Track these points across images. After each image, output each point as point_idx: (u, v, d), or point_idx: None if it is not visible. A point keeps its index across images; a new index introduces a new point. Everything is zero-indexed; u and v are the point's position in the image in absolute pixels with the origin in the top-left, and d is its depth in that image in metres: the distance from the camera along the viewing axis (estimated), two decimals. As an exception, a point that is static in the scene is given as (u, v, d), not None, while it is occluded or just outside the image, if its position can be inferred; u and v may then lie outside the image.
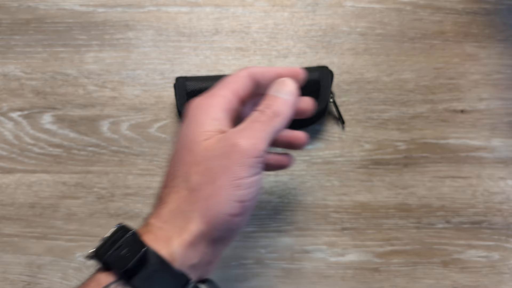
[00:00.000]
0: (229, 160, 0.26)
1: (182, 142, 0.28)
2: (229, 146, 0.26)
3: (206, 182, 0.26)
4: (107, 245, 0.25)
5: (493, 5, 0.47)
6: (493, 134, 0.44)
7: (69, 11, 0.47)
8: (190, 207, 0.26)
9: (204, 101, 0.29)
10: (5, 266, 0.42)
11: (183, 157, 0.27)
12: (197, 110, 0.28)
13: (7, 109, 0.45)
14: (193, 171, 0.26)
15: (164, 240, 0.25)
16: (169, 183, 0.27)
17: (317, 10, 0.47)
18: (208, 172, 0.26)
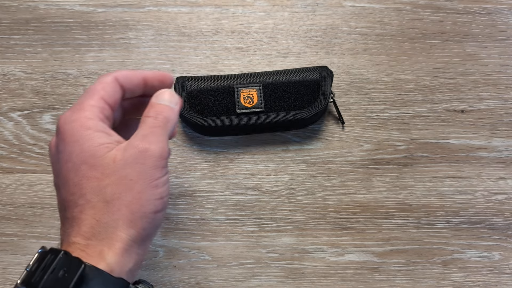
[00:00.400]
0: (143, 165, 0.28)
1: (78, 160, 0.28)
2: (140, 152, 0.28)
3: (124, 190, 0.27)
4: (39, 271, 0.25)
5: (493, 5, 0.47)
6: (493, 134, 0.44)
7: (69, 11, 0.47)
8: (112, 217, 0.27)
9: (78, 116, 0.29)
10: (5, 266, 0.42)
11: (87, 173, 0.27)
12: (74, 127, 0.28)
13: (7, 109, 0.45)
14: (105, 183, 0.27)
15: (96, 255, 0.26)
16: (77, 201, 0.27)
17: (317, 10, 0.47)
18: (123, 181, 0.27)
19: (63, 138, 0.28)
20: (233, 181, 0.44)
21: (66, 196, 0.28)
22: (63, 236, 0.28)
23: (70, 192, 0.28)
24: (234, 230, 0.43)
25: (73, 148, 0.28)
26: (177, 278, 0.42)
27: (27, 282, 0.25)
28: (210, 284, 0.42)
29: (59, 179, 0.29)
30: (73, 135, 0.28)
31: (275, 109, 0.42)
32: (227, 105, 0.42)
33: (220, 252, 0.42)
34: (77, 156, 0.28)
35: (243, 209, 0.43)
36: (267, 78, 0.42)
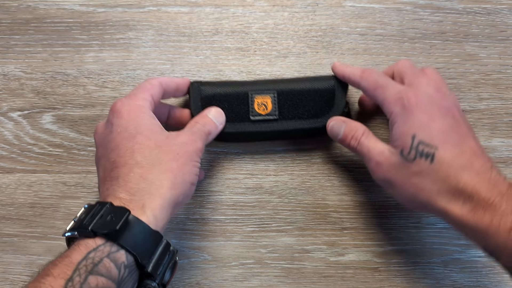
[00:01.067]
0: (189, 148, 0.34)
1: (134, 131, 0.33)
2: (188, 140, 0.35)
3: (171, 159, 0.33)
4: (88, 218, 0.29)
5: (493, 5, 0.47)
6: (493, 134, 0.44)
7: (69, 11, 0.47)
8: (158, 176, 0.31)
9: (133, 102, 0.35)
10: (5, 266, 0.42)
11: (140, 141, 0.33)
12: (132, 109, 0.34)
13: (7, 109, 0.45)
14: (155, 151, 0.32)
15: (138, 209, 0.29)
16: (127, 161, 0.32)
17: (317, 10, 0.47)
18: (171, 153, 0.33)
19: (120, 116, 0.34)
20: (233, 181, 0.44)
21: (115, 158, 0.32)
22: (107, 193, 0.31)
23: (120, 155, 0.32)
24: (234, 230, 0.43)
25: (130, 122, 0.33)
26: (177, 278, 0.42)
27: (77, 226, 0.29)
28: (210, 284, 0.42)
29: (108, 147, 0.33)
30: (130, 113, 0.34)
31: (289, 117, 0.41)
32: (241, 112, 0.41)
33: (220, 252, 0.42)
34: (134, 128, 0.33)
35: (243, 209, 0.43)
36: (281, 86, 0.41)
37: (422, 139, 0.33)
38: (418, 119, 0.33)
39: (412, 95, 0.34)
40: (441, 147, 0.32)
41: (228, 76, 0.46)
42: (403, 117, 0.34)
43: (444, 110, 0.34)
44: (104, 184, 0.33)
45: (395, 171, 0.34)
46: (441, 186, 0.32)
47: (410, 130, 0.33)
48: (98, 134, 0.36)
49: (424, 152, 0.32)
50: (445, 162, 0.32)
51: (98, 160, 0.35)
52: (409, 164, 0.33)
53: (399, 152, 0.34)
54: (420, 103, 0.34)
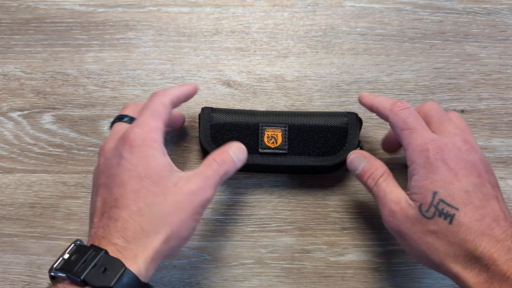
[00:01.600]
0: (195, 200, 0.32)
1: (143, 173, 0.31)
2: (198, 190, 0.32)
3: (173, 212, 0.31)
4: (80, 264, 0.28)
5: (493, 5, 0.47)
6: (493, 134, 0.44)
7: (69, 11, 0.47)
8: (155, 229, 0.30)
9: (147, 136, 0.33)
10: (5, 266, 0.42)
11: (147, 186, 0.31)
12: (144, 145, 0.32)
13: (7, 109, 0.45)
14: (159, 200, 0.31)
15: (131, 258, 0.29)
16: (129, 205, 0.31)
17: (317, 10, 0.47)
18: (176, 205, 0.31)
19: (131, 150, 0.32)
20: (233, 181, 0.44)
21: (118, 197, 0.31)
22: (102, 233, 0.30)
23: (124, 195, 0.31)
24: (234, 230, 0.43)
25: (140, 161, 0.32)
26: (177, 278, 0.42)
27: (67, 269, 0.28)
28: (210, 284, 0.42)
29: (112, 180, 0.32)
30: (142, 151, 0.32)
31: (298, 152, 0.40)
32: (250, 143, 0.40)
33: (220, 252, 0.42)
34: (143, 169, 0.32)
35: (243, 209, 0.43)
36: (293, 119, 0.41)
37: (444, 198, 0.31)
38: (442, 176, 0.32)
39: (439, 148, 0.32)
40: (462, 209, 0.31)
41: (228, 76, 0.46)
42: (426, 170, 0.32)
43: (470, 167, 0.32)
44: (100, 219, 0.31)
45: (410, 224, 0.32)
46: (457, 250, 0.30)
47: (431, 186, 0.32)
48: (104, 159, 0.34)
49: (444, 211, 0.31)
50: (465, 225, 0.30)
51: (99, 187, 0.33)
52: (426, 221, 0.31)
53: (418, 206, 0.32)
54: (446, 157, 0.32)
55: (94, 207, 0.33)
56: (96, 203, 0.32)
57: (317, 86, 0.45)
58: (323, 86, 0.45)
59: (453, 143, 0.33)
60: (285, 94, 0.45)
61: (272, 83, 0.46)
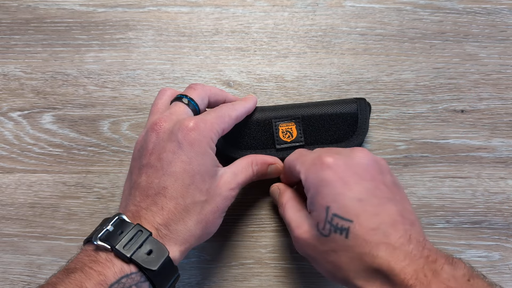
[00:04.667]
0: (226, 203, 0.35)
1: (196, 168, 0.33)
2: (231, 196, 0.35)
3: (211, 211, 0.33)
4: (125, 239, 0.29)
5: (493, 5, 0.47)
6: (493, 134, 0.44)
7: (69, 11, 0.47)
8: (194, 224, 0.32)
9: (208, 134, 0.34)
10: (5, 266, 0.42)
11: (197, 183, 0.33)
12: (203, 142, 0.33)
13: (7, 109, 0.45)
14: (203, 199, 0.33)
15: (170, 245, 0.31)
16: (177, 198, 0.32)
17: (317, 10, 0.47)
18: (214, 204, 0.34)
19: (191, 143, 0.33)
20: (233, 181, 0.44)
21: (167, 185, 0.32)
22: (145, 214, 0.31)
23: (174, 187, 0.32)
24: (234, 230, 0.43)
25: (197, 156, 0.33)
26: (177, 278, 0.42)
27: (113, 243, 0.29)
28: (210, 284, 0.42)
29: (164, 165, 0.32)
30: (200, 147, 0.33)
31: (313, 142, 0.41)
32: (263, 139, 0.41)
33: (220, 252, 0.42)
34: (197, 165, 0.33)
35: (243, 209, 0.43)
36: (303, 111, 0.41)
37: (336, 211, 0.30)
38: (332, 188, 0.30)
39: (326, 160, 0.31)
40: (356, 220, 0.29)
41: (228, 76, 0.46)
42: (316, 185, 0.31)
43: (361, 171, 0.31)
44: (144, 199, 0.32)
45: (313, 246, 0.31)
46: (358, 265, 0.29)
47: (323, 201, 0.30)
48: (158, 138, 0.33)
49: (339, 226, 0.29)
50: (361, 237, 0.29)
51: (145, 166, 0.33)
52: (324, 239, 0.30)
53: (315, 225, 0.31)
54: (334, 167, 0.31)
55: (137, 183, 0.33)
56: (140, 181, 0.33)
57: (317, 86, 0.45)
58: (323, 86, 0.45)
59: (342, 153, 0.33)
60: (285, 94, 0.45)
61: (272, 83, 0.46)
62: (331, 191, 0.30)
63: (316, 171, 0.31)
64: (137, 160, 0.34)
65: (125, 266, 0.29)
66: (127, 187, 0.34)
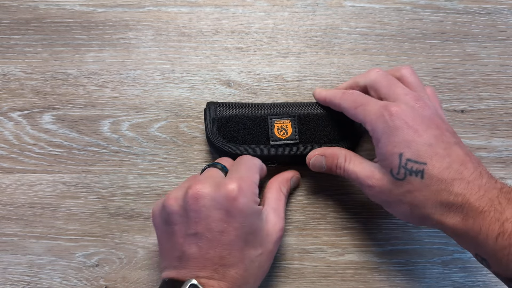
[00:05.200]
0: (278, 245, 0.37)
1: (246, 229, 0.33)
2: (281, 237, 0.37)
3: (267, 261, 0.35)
4: None
5: (493, 5, 0.47)
6: (493, 134, 0.44)
7: (69, 11, 0.47)
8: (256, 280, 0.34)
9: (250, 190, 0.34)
10: (5, 266, 0.42)
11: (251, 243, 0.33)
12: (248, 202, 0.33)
13: (7, 109, 0.45)
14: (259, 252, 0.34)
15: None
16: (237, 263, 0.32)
17: (317, 10, 0.47)
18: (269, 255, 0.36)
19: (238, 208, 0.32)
20: (233, 181, 0.44)
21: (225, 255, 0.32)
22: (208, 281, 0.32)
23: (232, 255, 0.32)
24: (234, 230, 0.43)
25: (246, 220, 0.33)
26: (177, 278, 0.42)
27: None
28: (210, 284, 0.42)
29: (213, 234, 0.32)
30: (248, 209, 0.33)
31: (308, 141, 0.41)
32: (259, 135, 0.40)
33: (220, 252, 0.42)
34: (248, 227, 0.33)
35: (243, 209, 0.43)
36: (300, 110, 0.41)
37: (410, 156, 0.32)
38: (403, 136, 0.33)
39: (394, 109, 0.33)
40: (429, 162, 0.32)
41: (228, 76, 0.46)
42: (386, 134, 0.33)
43: (427, 120, 0.33)
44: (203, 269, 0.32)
45: (388, 191, 0.34)
46: (434, 200, 0.32)
47: (395, 149, 0.33)
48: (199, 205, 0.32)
49: (414, 169, 0.32)
50: (435, 176, 0.32)
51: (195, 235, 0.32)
52: (400, 182, 0.33)
53: (389, 171, 0.33)
54: (402, 116, 0.33)
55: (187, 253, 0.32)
56: (192, 252, 0.32)
57: (317, 86, 0.45)
58: (323, 86, 0.45)
59: (406, 103, 0.34)
60: (285, 94, 0.45)
61: (272, 83, 0.46)
62: (402, 138, 0.32)
63: (385, 121, 0.33)
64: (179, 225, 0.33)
65: None
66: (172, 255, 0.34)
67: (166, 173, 0.44)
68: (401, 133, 0.33)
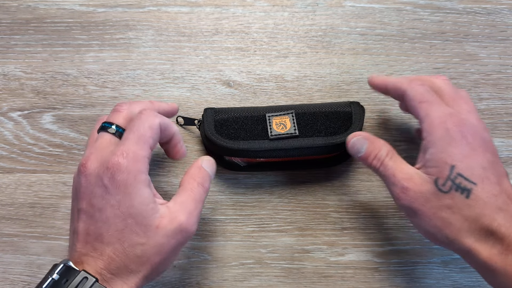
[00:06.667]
0: (177, 242, 0.32)
1: (126, 211, 0.31)
2: (181, 231, 0.32)
3: (155, 254, 0.31)
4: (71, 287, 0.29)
5: (493, 5, 0.47)
6: (493, 134, 0.44)
7: (69, 11, 0.47)
8: (138, 267, 0.31)
9: (132, 168, 0.31)
10: (5, 266, 0.42)
11: (131, 226, 0.31)
12: (129, 179, 0.31)
13: (7, 109, 0.45)
14: (142, 241, 0.31)
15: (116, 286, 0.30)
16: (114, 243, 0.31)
17: (317, 10, 0.47)
18: (157, 247, 0.31)
19: (116, 185, 0.31)
20: (233, 181, 0.44)
21: (103, 232, 0.31)
22: (87, 260, 0.31)
23: (109, 233, 0.31)
24: (234, 230, 0.43)
25: (124, 198, 0.31)
26: (177, 278, 0.42)
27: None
28: (210, 284, 0.42)
29: (94, 210, 0.31)
30: (126, 186, 0.31)
31: (308, 135, 0.40)
32: (258, 131, 0.40)
33: (220, 252, 0.42)
34: (126, 208, 0.31)
35: (243, 209, 0.43)
36: (298, 109, 0.41)
37: (462, 172, 0.31)
38: (460, 150, 0.31)
39: (458, 122, 0.32)
40: (479, 184, 0.31)
41: (228, 76, 0.46)
42: (444, 143, 0.32)
43: (486, 144, 0.32)
44: (84, 245, 0.31)
45: (424, 200, 0.32)
46: (472, 225, 0.30)
47: (449, 159, 0.31)
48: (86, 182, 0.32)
49: (462, 185, 0.30)
50: (482, 200, 0.30)
51: (80, 211, 0.32)
52: (441, 195, 0.31)
53: (433, 180, 0.31)
54: (465, 131, 0.32)
55: (76, 228, 0.32)
56: (78, 227, 0.32)
57: (317, 86, 0.45)
58: (323, 86, 0.45)
59: (470, 120, 0.33)
60: (285, 94, 0.45)
61: (272, 83, 0.46)
62: (460, 151, 0.31)
63: (447, 129, 0.32)
64: (74, 202, 0.33)
65: None
66: (71, 231, 0.33)
67: (166, 173, 0.44)
68: (459, 146, 0.31)
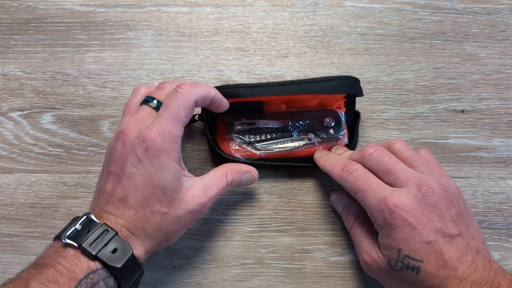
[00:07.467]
0: (192, 218, 0.35)
1: (156, 181, 0.33)
2: (199, 211, 0.35)
3: (172, 224, 0.34)
4: (91, 238, 0.31)
5: (493, 5, 0.47)
6: (493, 134, 0.44)
7: (69, 11, 0.47)
8: (154, 233, 0.34)
9: (167, 147, 0.33)
10: (5, 266, 0.42)
11: (157, 196, 0.33)
12: (163, 156, 0.33)
13: (7, 109, 0.45)
14: (164, 211, 0.34)
15: (134, 246, 0.33)
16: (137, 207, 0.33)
17: (317, 10, 0.47)
18: (176, 218, 0.34)
19: (149, 157, 0.33)
20: (233, 181, 0.44)
21: (128, 195, 0.33)
22: (109, 216, 0.33)
23: (134, 198, 0.33)
24: (234, 230, 0.43)
25: (156, 171, 0.33)
26: (177, 278, 0.42)
27: (80, 241, 0.31)
28: (210, 284, 0.42)
29: (124, 174, 0.33)
30: (160, 162, 0.33)
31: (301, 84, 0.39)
32: None
33: (220, 252, 0.42)
34: (157, 178, 0.33)
35: (243, 209, 0.43)
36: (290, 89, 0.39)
37: (408, 253, 0.33)
38: (402, 233, 0.33)
39: (393, 205, 0.33)
40: (426, 260, 0.32)
41: (228, 76, 0.46)
42: (386, 229, 0.34)
43: (429, 212, 0.33)
44: (107, 203, 0.33)
45: (383, 274, 0.35)
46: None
47: (395, 244, 0.33)
48: (122, 148, 0.34)
49: (410, 265, 0.33)
50: (430, 274, 0.32)
51: (111, 173, 0.34)
52: (396, 272, 0.34)
53: (387, 261, 0.34)
54: (402, 213, 0.33)
55: (103, 187, 0.34)
56: (106, 187, 0.34)
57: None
58: (323, 86, 0.45)
59: (407, 193, 0.34)
60: (285, 94, 0.45)
61: (272, 83, 0.46)
62: (402, 235, 0.33)
63: (385, 217, 0.33)
64: (106, 164, 0.35)
65: (91, 263, 0.30)
66: (97, 190, 0.36)
67: (166, 173, 0.44)
68: (400, 230, 0.33)
